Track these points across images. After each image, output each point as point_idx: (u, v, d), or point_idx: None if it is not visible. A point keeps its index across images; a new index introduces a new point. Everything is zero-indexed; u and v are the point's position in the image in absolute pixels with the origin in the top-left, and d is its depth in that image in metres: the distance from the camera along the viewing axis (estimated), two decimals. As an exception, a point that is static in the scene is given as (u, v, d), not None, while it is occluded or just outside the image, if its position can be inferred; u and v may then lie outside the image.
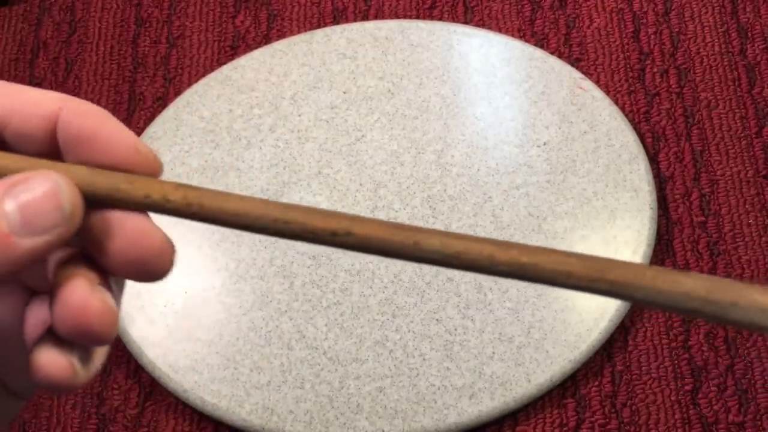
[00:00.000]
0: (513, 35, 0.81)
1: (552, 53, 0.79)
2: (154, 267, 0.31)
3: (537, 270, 0.30)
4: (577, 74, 0.77)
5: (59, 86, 0.82)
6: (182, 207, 0.31)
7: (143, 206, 0.31)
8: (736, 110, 0.76)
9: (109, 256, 0.31)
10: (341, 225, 0.31)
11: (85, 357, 0.31)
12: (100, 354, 0.32)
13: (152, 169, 0.32)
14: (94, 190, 0.31)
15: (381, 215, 0.73)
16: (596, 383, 0.68)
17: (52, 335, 0.31)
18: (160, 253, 0.31)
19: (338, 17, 0.84)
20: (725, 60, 0.78)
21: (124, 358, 0.71)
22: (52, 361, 0.30)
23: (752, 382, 0.67)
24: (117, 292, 0.32)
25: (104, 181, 0.31)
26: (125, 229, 0.31)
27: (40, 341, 0.31)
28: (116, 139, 0.32)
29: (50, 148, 0.32)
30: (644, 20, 0.81)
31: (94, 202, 0.31)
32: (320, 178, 0.75)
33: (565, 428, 0.67)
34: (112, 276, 0.32)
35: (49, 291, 0.31)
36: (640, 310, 0.70)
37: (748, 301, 0.29)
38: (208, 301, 0.72)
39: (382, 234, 0.31)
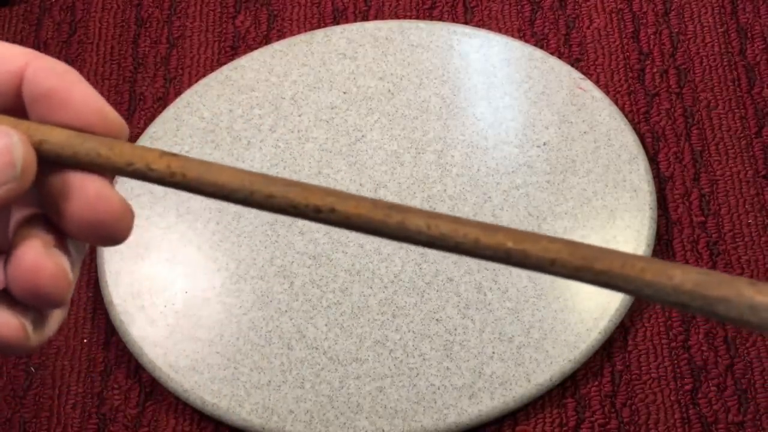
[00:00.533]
0: (513, 35, 0.81)
1: (552, 53, 0.80)
2: (111, 231, 0.31)
3: (522, 255, 0.29)
4: (576, 74, 0.77)
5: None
6: (165, 176, 0.31)
7: (125, 173, 0.31)
8: (736, 110, 0.76)
9: (67, 218, 0.31)
10: (325, 201, 0.30)
11: (39, 320, 0.31)
12: (56, 319, 0.32)
13: (117, 135, 0.32)
14: (71, 153, 0.30)
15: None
16: (596, 383, 0.68)
17: (7, 296, 0.31)
18: (119, 218, 0.31)
19: (338, 17, 0.84)
20: (725, 60, 0.78)
21: (124, 358, 0.71)
22: (4, 321, 0.30)
23: (752, 381, 0.67)
24: (75, 256, 0.32)
25: (83, 145, 0.31)
26: (84, 191, 0.30)
27: None
28: (84, 100, 0.31)
29: (16, 105, 0.32)
30: (644, 20, 0.81)
31: (63, 164, 0.31)
32: (320, 178, 0.75)
33: (565, 428, 0.67)
34: (70, 239, 0.32)
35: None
36: (640, 310, 0.70)
37: (737, 296, 0.28)
38: (208, 301, 0.72)
39: (367, 212, 0.30)
